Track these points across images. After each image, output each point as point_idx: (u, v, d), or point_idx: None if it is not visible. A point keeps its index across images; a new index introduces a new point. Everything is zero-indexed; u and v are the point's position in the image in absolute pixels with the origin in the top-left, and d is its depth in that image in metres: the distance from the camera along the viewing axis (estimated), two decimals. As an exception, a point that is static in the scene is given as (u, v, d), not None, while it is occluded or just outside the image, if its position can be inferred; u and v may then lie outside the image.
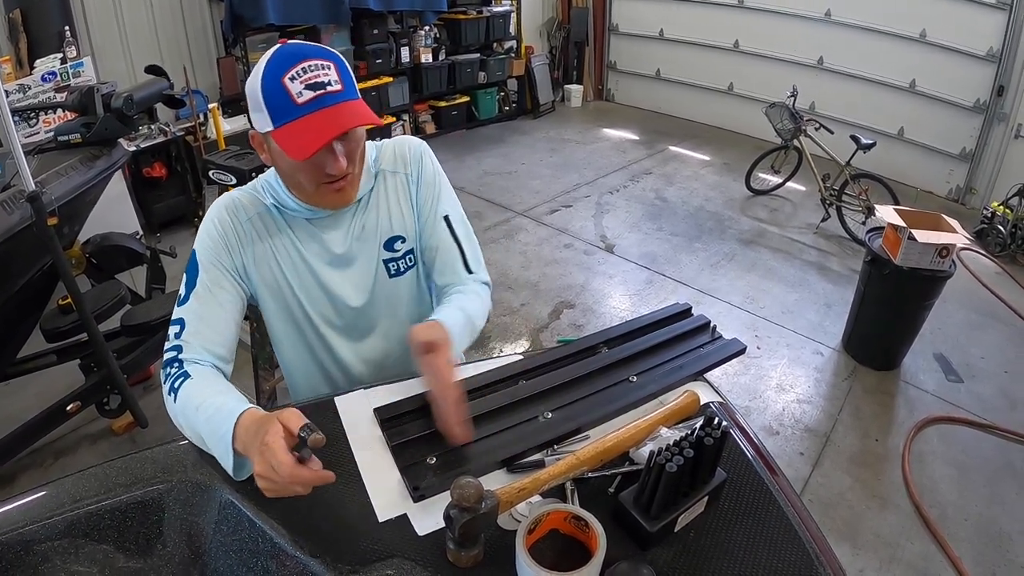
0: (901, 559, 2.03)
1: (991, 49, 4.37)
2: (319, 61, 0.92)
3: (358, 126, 0.94)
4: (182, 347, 0.96)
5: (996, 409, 2.69)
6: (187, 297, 1.01)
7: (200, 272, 1.02)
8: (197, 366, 0.95)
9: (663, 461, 0.72)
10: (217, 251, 1.04)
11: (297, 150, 0.91)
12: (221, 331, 1.01)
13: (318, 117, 0.91)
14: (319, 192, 1.01)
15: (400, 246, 1.16)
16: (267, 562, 0.74)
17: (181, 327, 0.98)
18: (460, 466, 0.83)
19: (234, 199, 1.09)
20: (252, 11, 4.05)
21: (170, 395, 0.92)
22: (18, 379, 2.34)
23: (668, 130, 6.19)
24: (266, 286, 1.11)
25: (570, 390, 0.98)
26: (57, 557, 0.76)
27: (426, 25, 5.34)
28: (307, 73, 0.91)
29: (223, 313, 1.02)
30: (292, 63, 0.91)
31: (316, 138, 0.90)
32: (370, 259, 1.14)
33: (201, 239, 1.06)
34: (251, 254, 1.08)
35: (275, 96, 0.91)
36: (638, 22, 6.56)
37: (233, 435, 0.79)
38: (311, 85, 0.91)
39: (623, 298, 3.46)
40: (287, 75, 0.90)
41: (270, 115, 0.93)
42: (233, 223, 1.07)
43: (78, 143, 2.14)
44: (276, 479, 0.72)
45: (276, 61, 0.92)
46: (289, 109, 0.91)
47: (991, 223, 4.06)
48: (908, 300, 2.74)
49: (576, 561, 0.67)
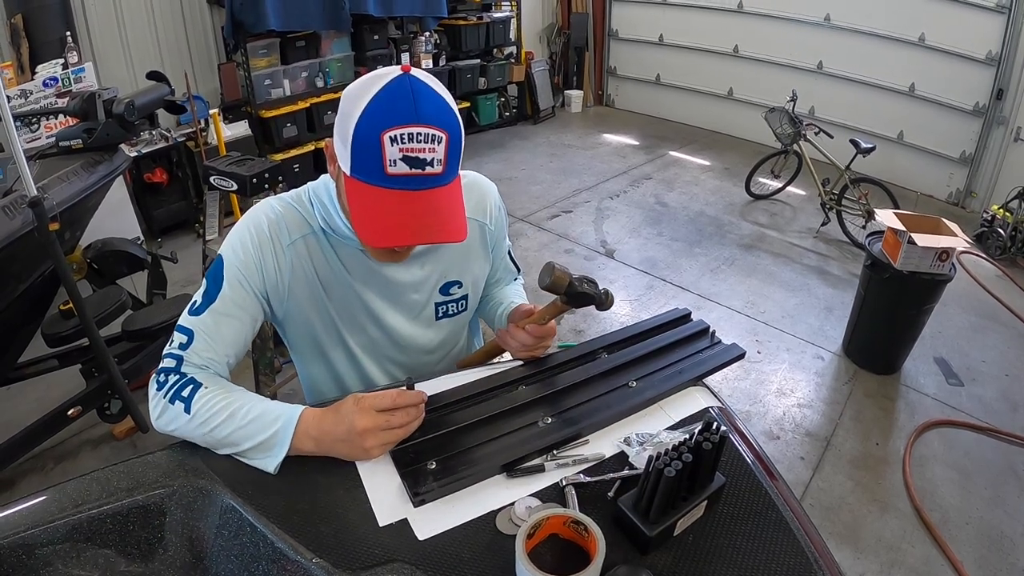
0: (903, 563, 2.02)
1: (990, 53, 4.38)
2: (432, 130, 0.79)
3: (440, 242, 0.90)
4: (184, 360, 0.91)
5: (997, 412, 2.69)
6: (203, 308, 0.92)
7: (224, 286, 0.93)
8: (203, 374, 0.90)
9: (662, 466, 0.72)
10: (248, 269, 0.95)
11: (367, 231, 0.82)
12: (228, 352, 0.95)
13: (401, 198, 0.80)
14: (376, 250, 0.95)
15: (456, 291, 1.13)
16: (268, 566, 0.74)
17: (189, 339, 0.91)
18: (460, 471, 0.83)
19: (278, 214, 0.98)
20: (253, 17, 4.07)
21: (173, 403, 0.86)
22: (19, 384, 2.35)
23: (668, 135, 6.21)
24: (301, 314, 1.03)
25: (569, 395, 0.99)
26: (59, 561, 0.76)
27: (426, 31, 5.36)
28: (412, 142, 0.78)
29: (235, 333, 0.95)
30: (401, 122, 0.77)
31: (392, 230, 0.81)
32: (422, 298, 1.10)
33: (233, 248, 0.95)
34: (288, 282, 0.99)
35: (366, 148, 0.79)
36: (638, 27, 6.58)
37: (295, 432, 0.83)
38: (410, 159, 0.79)
39: (623, 303, 3.47)
40: (389, 133, 0.77)
41: (352, 160, 0.81)
42: (274, 243, 0.96)
43: (79, 148, 2.15)
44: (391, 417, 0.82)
45: (385, 105, 0.78)
46: (375, 172, 0.80)
47: (991, 226, 4.07)
48: (908, 304, 2.74)
49: (575, 566, 0.67)
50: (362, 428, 0.82)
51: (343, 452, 0.85)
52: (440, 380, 1.02)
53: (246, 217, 0.98)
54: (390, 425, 0.84)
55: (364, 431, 0.82)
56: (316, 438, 0.84)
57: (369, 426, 0.83)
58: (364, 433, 0.83)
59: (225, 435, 0.84)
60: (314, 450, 0.84)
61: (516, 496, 0.81)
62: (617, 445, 0.90)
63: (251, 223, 0.97)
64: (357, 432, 0.82)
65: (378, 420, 0.83)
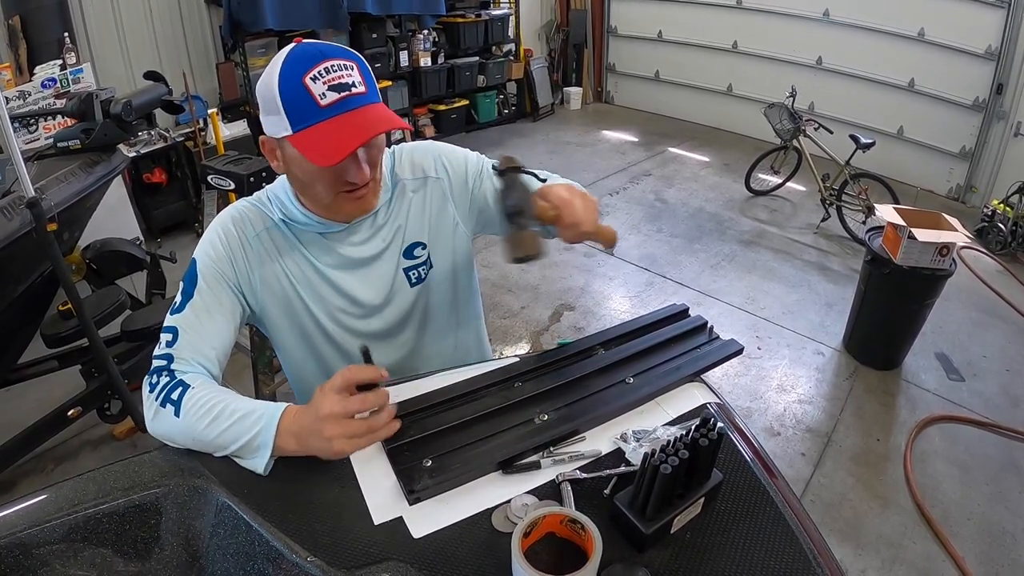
0: (904, 559, 2.02)
1: (990, 47, 4.37)
2: (341, 61, 0.87)
3: (387, 130, 0.90)
4: (173, 357, 0.93)
5: (998, 407, 2.69)
6: (183, 306, 0.96)
7: (200, 281, 0.98)
8: (192, 375, 0.92)
9: (658, 462, 0.71)
10: (220, 263, 0.99)
11: (321, 156, 0.86)
12: (214, 345, 0.97)
13: (343, 121, 0.86)
14: (337, 201, 0.97)
15: (420, 252, 1.12)
16: (263, 565, 0.74)
17: (174, 336, 0.94)
18: (456, 468, 0.83)
19: (241, 212, 1.04)
20: (250, 16, 4.07)
21: (164, 406, 0.87)
22: (19, 385, 2.34)
23: (667, 132, 6.20)
24: (275, 302, 1.06)
25: (566, 392, 0.98)
26: (56, 561, 0.76)
27: (425, 29, 5.35)
28: (330, 73, 0.85)
29: (218, 327, 0.98)
30: (313, 63, 0.86)
31: (343, 144, 0.86)
32: (389, 267, 1.10)
33: (203, 248, 1.01)
34: (259, 273, 1.03)
35: (295, 98, 0.86)
36: (637, 24, 6.57)
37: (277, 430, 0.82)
38: (335, 86, 0.86)
39: (623, 300, 3.46)
40: (308, 75, 0.85)
41: (289, 118, 0.87)
42: (240, 239, 1.01)
43: (77, 149, 2.15)
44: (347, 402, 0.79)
45: (295, 60, 0.86)
46: (312, 112, 0.86)
47: (991, 221, 4.06)
48: (909, 299, 2.74)
49: (572, 564, 0.67)
50: (325, 413, 0.80)
51: (316, 447, 0.82)
52: (437, 377, 1.02)
53: (213, 222, 1.04)
54: (347, 411, 0.80)
55: (327, 416, 0.80)
56: (296, 434, 0.82)
57: (332, 410, 0.80)
58: (326, 419, 0.80)
59: (213, 437, 0.84)
60: (297, 449, 0.82)
61: (512, 493, 0.81)
62: (614, 442, 0.90)
63: (218, 224, 1.03)
64: (320, 418, 0.80)
65: (335, 404, 0.80)
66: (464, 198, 1.15)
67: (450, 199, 1.14)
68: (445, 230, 1.15)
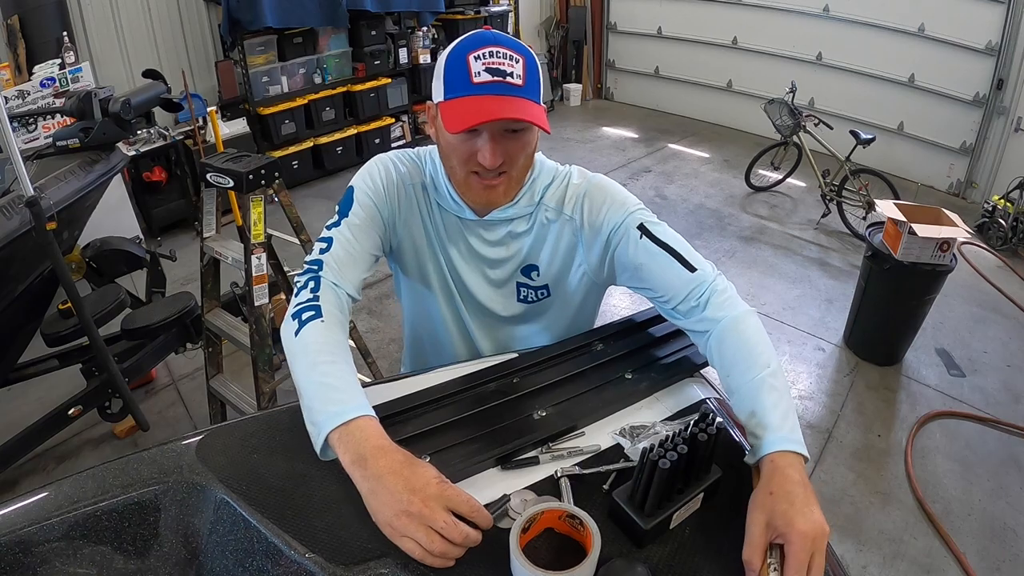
0: (905, 555, 2.02)
1: (990, 42, 4.36)
2: (510, 51, 0.90)
3: (523, 119, 0.88)
4: (323, 264, 0.96)
5: (999, 403, 2.68)
6: (339, 222, 1.01)
7: (355, 205, 1.02)
8: (333, 293, 0.94)
9: (656, 458, 0.71)
10: (376, 192, 1.04)
11: (452, 123, 0.88)
12: (359, 267, 1.01)
13: (487, 100, 0.88)
14: (468, 181, 0.98)
15: (535, 276, 1.12)
16: (262, 561, 0.74)
17: (328, 245, 0.98)
18: (454, 464, 0.83)
19: (401, 159, 1.09)
20: (249, 14, 4.06)
21: (294, 320, 0.90)
22: (19, 384, 2.35)
23: (667, 128, 6.19)
24: (410, 248, 1.11)
25: (564, 387, 0.98)
26: (56, 559, 0.76)
27: (424, 26, 5.35)
28: (493, 57, 0.89)
29: (365, 248, 1.02)
30: (482, 44, 0.89)
31: (476, 115, 0.88)
32: (504, 274, 1.12)
33: (363, 177, 1.06)
34: (404, 217, 1.08)
35: (455, 69, 0.90)
36: (636, 20, 6.56)
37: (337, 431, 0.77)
38: (492, 69, 0.88)
39: (623, 296, 3.46)
40: (473, 53, 0.89)
41: (444, 86, 0.91)
42: (399, 182, 1.07)
43: (76, 148, 2.15)
44: (446, 526, 0.68)
45: (470, 39, 0.91)
46: (463, 84, 0.89)
47: (992, 217, 4.06)
48: (909, 295, 2.74)
49: (571, 560, 0.67)
50: (421, 496, 0.70)
51: (374, 495, 0.73)
52: (434, 374, 1.02)
53: (375, 159, 1.09)
54: (435, 519, 0.69)
55: (423, 498, 0.70)
56: (362, 457, 0.75)
57: (428, 505, 0.69)
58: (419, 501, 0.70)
59: (298, 381, 0.85)
60: (348, 463, 0.75)
61: (510, 489, 0.81)
62: (612, 437, 0.90)
63: (378, 161, 1.08)
64: (412, 490, 0.71)
65: (436, 516, 0.69)
66: (596, 249, 1.07)
67: (580, 243, 1.08)
68: (567, 270, 1.11)
